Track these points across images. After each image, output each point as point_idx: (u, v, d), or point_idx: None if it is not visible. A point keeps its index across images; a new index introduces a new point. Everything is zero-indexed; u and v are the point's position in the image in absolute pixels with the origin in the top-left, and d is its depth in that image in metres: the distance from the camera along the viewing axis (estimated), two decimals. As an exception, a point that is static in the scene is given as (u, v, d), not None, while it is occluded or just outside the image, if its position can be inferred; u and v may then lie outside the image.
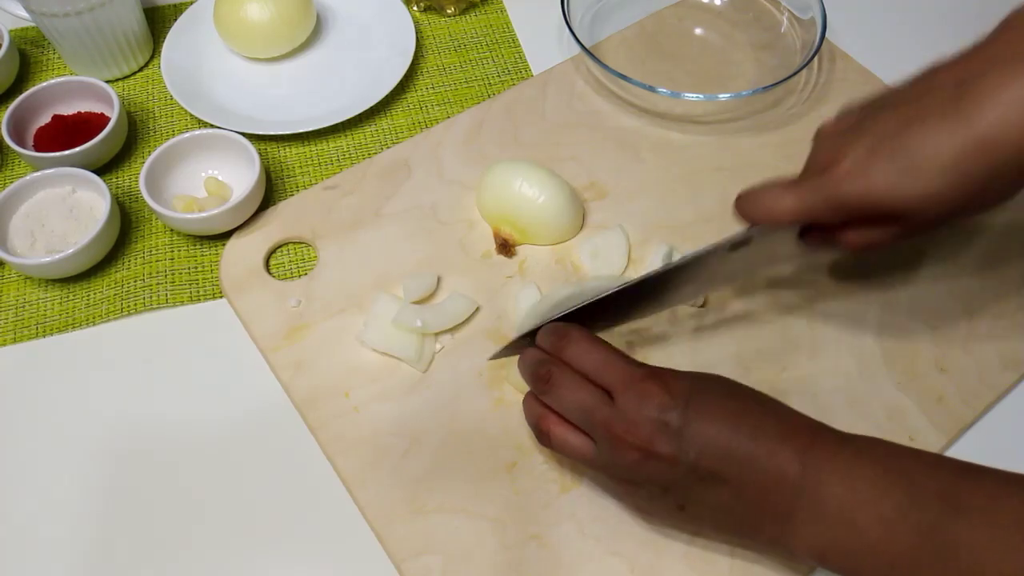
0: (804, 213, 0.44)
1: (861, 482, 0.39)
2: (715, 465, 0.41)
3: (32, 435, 0.53)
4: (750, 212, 0.47)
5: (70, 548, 0.49)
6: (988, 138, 0.38)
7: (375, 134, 0.68)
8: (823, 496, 0.39)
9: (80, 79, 0.66)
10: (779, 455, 0.40)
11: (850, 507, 0.39)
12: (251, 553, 0.49)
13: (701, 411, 0.41)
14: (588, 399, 0.43)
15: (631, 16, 0.75)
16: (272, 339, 0.55)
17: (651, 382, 0.42)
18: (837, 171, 0.42)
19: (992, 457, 0.52)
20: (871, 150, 0.41)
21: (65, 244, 0.58)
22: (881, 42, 0.74)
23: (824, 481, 0.39)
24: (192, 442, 0.52)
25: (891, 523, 0.38)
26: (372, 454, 0.51)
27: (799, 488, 0.40)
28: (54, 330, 0.57)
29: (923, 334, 0.56)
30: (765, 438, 0.41)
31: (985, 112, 0.38)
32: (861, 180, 0.41)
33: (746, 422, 0.41)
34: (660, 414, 0.41)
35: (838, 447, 0.41)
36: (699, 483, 0.41)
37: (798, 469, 0.40)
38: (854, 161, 0.42)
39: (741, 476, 0.41)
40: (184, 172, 0.62)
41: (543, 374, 0.44)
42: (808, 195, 0.44)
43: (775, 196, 0.45)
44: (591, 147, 0.66)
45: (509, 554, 0.47)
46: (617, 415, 0.42)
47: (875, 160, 0.41)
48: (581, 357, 0.44)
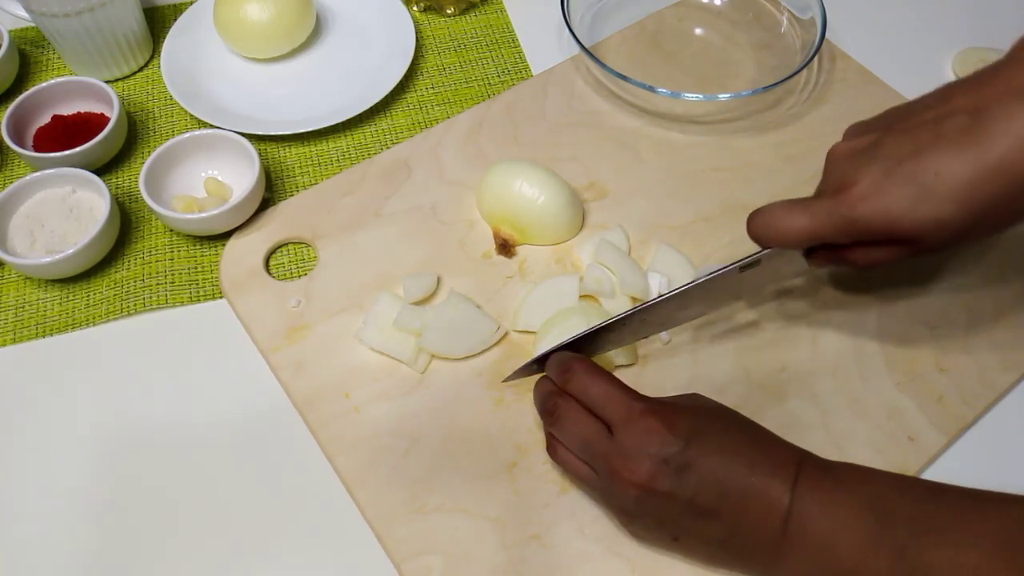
0: (817, 234, 0.44)
1: (840, 509, 0.40)
2: (712, 502, 0.42)
3: (32, 435, 0.53)
4: (763, 233, 0.47)
5: (70, 548, 0.49)
6: (1002, 167, 0.39)
7: (375, 134, 0.68)
8: (807, 526, 0.41)
9: (80, 79, 0.66)
10: (770, 490, 0.41)
11: (831, 535, 0.40)
12: (251, 553, 0.49)
13: (700, 449, 0.42)
14: (589, 433, 0.44)
15: (631, 16, 0.75)
16: (272, 339, 0.55)
17: (652, 418, 0.43)
18: (852, 194, 0.42)
19: (991, 457, 0.52)
20: (886, 174, 0.41)
21: (65, 244, 0.58)
22: (881, 42, 0.74)
23: (807, 511, 0.41)
24: (192, 442, 0.52)
25: (866, 548, 0.39)
26: (372, 454, 0.51)
27: (786, 519, 0.41)
28: (54, 330, 0.57)
29: (923, 334, 0.56)
30: (759, 474, 0.42)
31: (999, 142, 0.39)
32: (876, 203, 0.42)
33: (742, 460, 0.42)
34: (659, 451, 0.42)
35: (820, 476, 0.42)
36: (696, 518, 0.42)
37: (787, 501, 0.41)
38: (869, 184, 0.42)
39: (735, 511, 0.42)
40: (184, 172, 0.62)
41: (549, 407, 0.46)
42: (822, 217, 0.44)
43: (788, 217, 0.45)
44: (591, 147, 0.66)
45: (509, 554, 0.47)
46: (616, 451, 0.43)
47: (890, 184, 0.41)
48: (584, 391, 0.45)
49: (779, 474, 0.42)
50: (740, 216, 0.61)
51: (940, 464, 0.51)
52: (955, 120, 0.41)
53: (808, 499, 0.41)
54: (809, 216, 0.44)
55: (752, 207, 0.61)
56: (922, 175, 0.40)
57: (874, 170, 0.42)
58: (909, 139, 0.42)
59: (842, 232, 0.43)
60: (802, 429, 0.51)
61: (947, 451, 0.52)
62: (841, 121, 0.66)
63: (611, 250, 0.57)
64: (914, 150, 0.41)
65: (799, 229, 0.45)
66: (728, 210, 0.62)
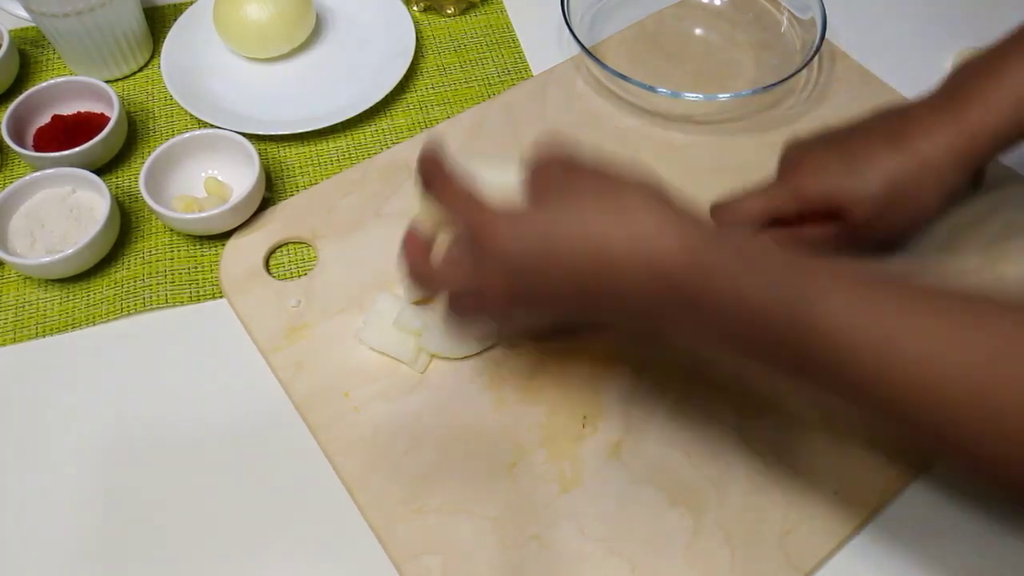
0: (769, 208, 0.53)
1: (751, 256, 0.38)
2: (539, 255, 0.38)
3: (32, 435, 0.53)
4: (724, 215, 0.54)
5: (70, 547, 0.49)
6: (918, 158, 0.49)
7: (375, 134, 0.68)
8: (712, 283, 0.37)
9: (80, 79, 0.66)
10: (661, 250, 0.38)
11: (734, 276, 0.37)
12: (251, 553, 0.49)
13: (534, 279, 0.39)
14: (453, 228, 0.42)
15: (631, 16, 0.75)
16: (272, 339, 0.55)
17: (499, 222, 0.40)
18: (798, 171, 0.53)
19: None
20: (827, 156, 0.52)
21: (65, 244, 0.58)
22: (881, 42, 0.74)
23: (713, 262, 0.37)
24: (192, 442, 0.52)
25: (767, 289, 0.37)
26: (372, 454, 0.51)
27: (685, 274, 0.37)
28: (54, 330, 0.57)
29: (923, 334, 0.56)
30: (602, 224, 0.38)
31: (918, 144, 0.49)
32: (818, 177, 0.51)
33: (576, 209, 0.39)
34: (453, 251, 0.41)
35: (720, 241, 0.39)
36: (537, 275, 0.39)
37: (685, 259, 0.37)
38: (813, 163, 0.52)
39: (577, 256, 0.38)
40: (184, 172, 0.62)
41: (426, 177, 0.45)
42: (774, 194, 0.53)
43: (748, 199, 0.54)
44: (591, 147, 0.65)
45: (509, 554, 0.47)
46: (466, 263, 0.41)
47: (830, 163, 0.51)
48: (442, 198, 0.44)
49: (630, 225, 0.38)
50: (740, 216, 0.61)
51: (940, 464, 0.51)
52: (886, 122, 0.52)
53: (714, 249, 0.37)
54: (764, 195, 0.53)
55: (752, 207, 0.62)
56: (856, 159, 0.50)
57: (818, 153, 0.52)
58: (848, 135, 0.53)
59: (791, 202, 0.52)
60: (802, 430, 0.51)
61: (947, 451, 0.52)
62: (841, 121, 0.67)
63: None
64: (851, 141, 0.52)
65: (756, 207, 0.53)
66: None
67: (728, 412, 0.52)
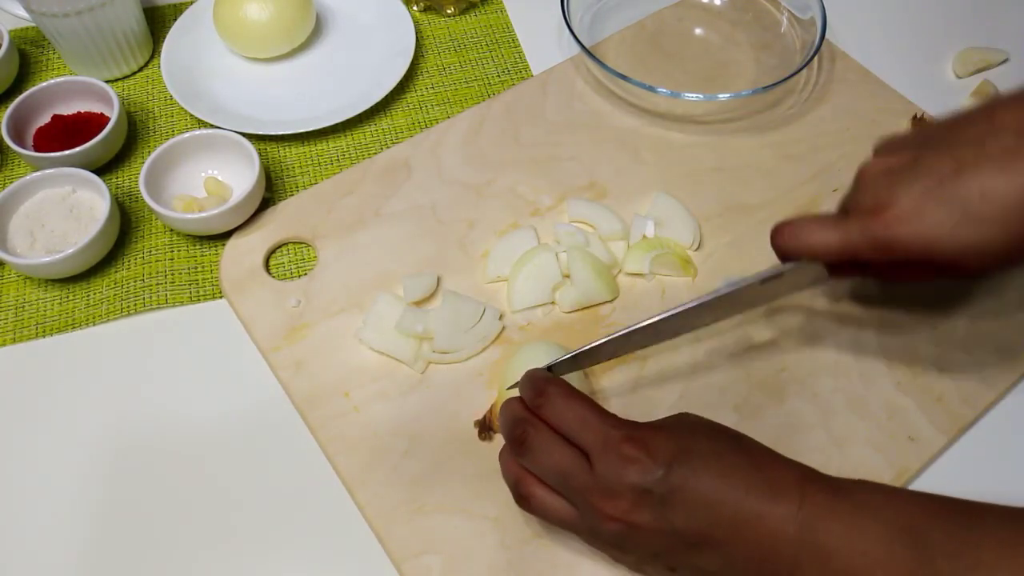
0: (847, 252, 0.43)
1: (867, 542, 0.37)
2: (703, 531, 0.38)
3: (32, 435, 0.53)
4: (791, 246, 0.45)
5: (70, 547, 0.49)
6: None
7: (375, 134, 0.68)
8: (825, 558, 0.37)
9: (80, 79, 0.66)
10: (771, 516, 0.38)
11: (859, 570, 0.36)
12: (250, 552, 0.49)
13: (685, 475, 0.39)
14: (566, 463, 0.40)
15: (631, 16, 0.75)
16: (272, 339, 0.55)
17: (630, 445, 0.39)
18: (888, 215, 0.41)
19: (992, 457, 0.52)
20: (926, 194, 0.40)
21: (65, 244, 0.58)
22: (881, 42, 0.74)
23: (824, 540, 0.37)
24: (191, 442, 0.52)
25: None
26: (372, 454, 0.51)
27: (797, 549, 0.37)
28: (54, 330, 0.57)
29: (923, 333, 0.56)
30: (755, 498, 0.38)
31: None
32: (915, 226, 0.40)
33: (733, 483, 0.39)
34: (641, 480, 0.39)
35: (834, 499, 0.38)
36: (687, 550, 0.39)
37: (794, 529, 0.37)
38: (908, 205, 0.40)
39: (732, 540, 0.38)
40: (184, 172, 0.62)
41: (519, 435, 0.42)
42: (855, 235, 0.43)
43: (820, 231, 0.44)
44: (591, 147, 0.66)
45: (509, 554, 0.47)
46: (596, 483, 0.40)
47: (930, 205, 0.40)
48: (559, 415, 0.42)
49: (780, 499, 0.38)
50: (740, 216, 0.61)
51: (940, 464, 0.51)
52: (1001, 139, 0.39)
53: (823, 528, 0.37)
54: (842, 233, 0.43)
55: (752, 207, 0.62)
56: (965, 196, 0.39)
57: (914, 190, 0.40)
58: (950, 158, 0.40)
59: (876, 252, 0.42)
60: (802, 429, 0.51)
61: (947, 451, 0.52)
62: (841, 121, 0.67)
63: (582, 204, 0.60)
64: (956, 169, 0.40)
65: (830, 245, 0.44)
66: (728, 210, 0.62)
67: (727, 411, 0.52)
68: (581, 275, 0.56)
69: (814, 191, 0.63)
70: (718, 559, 0.39)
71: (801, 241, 0.45)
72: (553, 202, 0.62)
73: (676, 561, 0.40)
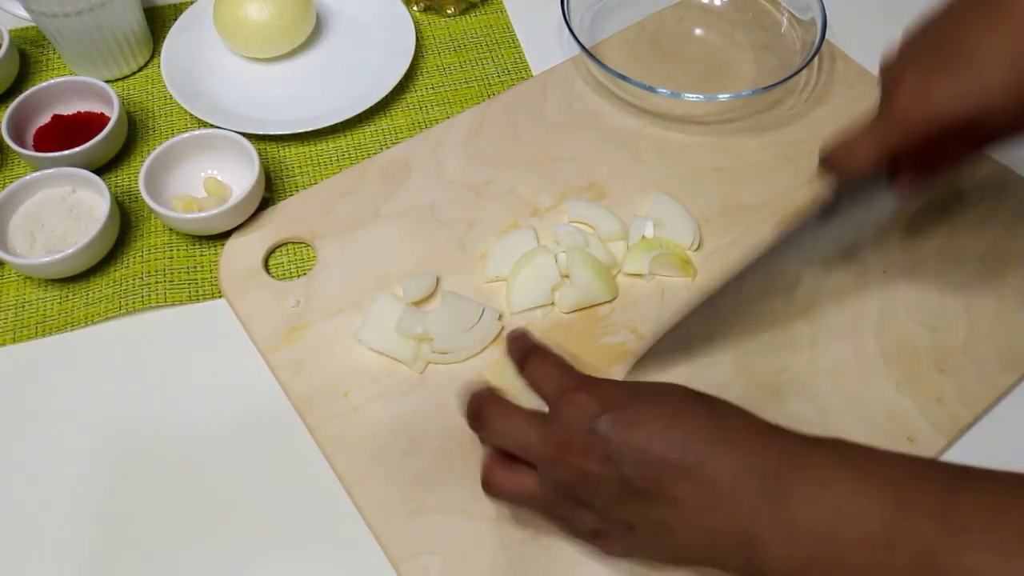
0: (887, 149, 0.44)
1: (838, 494, 0.34)
2: (649, 476, 0.37)
3: (31, 434, 0.53)
4: (838, 166, 0.46)
5: (70, 547, 0.49)
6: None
7: (375, 134, 0.68)
8: (793, 511, 0.35)
9: (80, 79, 0.66)
10: (723, 462, 0.36)
11: (829, 523, 0.34)
12: (249, 553, 0.49)
13: (630, 418, 0.38)
14: (520, 422, 0.41)
15: (631, 16, 0.75)
16: (271, 339, 0.55)
17: (582, 391, 0.40)
18: (902, 99, 0.43)
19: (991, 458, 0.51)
20: (927, 68, 0.43)
21: (65, 244, 0.58)
22: (881, 42, 0.74)
23: (791, 492, 0.35)
24: (190, 441, 0.52)
25: (881, 544, 0.33)
26: (371, 454, 0.51)
27: (756, 500, 0.35)
28: (53, 330, 0.57)
29: (923, 335, 0.55)
30: (702, 442, 0.37)
31: None
32: (926, 98, 0.42)
33: (679, 425, 0.37)
34: (588, 422, 0.38)
35: (804, 449, 0.36)
36: (639, 500, 0.38)
37: (753, 479, 0.35)
38: (913, 84, 0.43)
39: (680, 489, 0.36)
40: (183, 172, 0.62)
41: (473, 411, 0.43)
42: (886, 131, 0.44)
43: (857, 143, 0.45)
44: (591, 147, 0.66)
45: (508, 554, 0.47)
46: (550, 431, 0.40)
47: (932, 76, 0.42)
48: (532, 371, 0.43)
49: (731, 443, 0.36)
50: (740, 216, 0.61)
51: (939, 465, 0.51)
52: (978, 2, 0.42)
53: (790, 477, 0.35)
54: (876, 134, 0.45)
55: (752, 208, 0.62)
56: (961, 59, 0.41)
57: (917, 70, 0.43)
58: (942, 32, 0.43)
59: (908, 137, 0.43)
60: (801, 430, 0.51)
61: (946, 452, 0.52)
62: (841, 121, 0.67)
63: (581, 205, 0.60)
64: (948, 39, 0.42)
65: (870, 152, 0.45)
66: (728, 211, 0.62)
67: (727, 412, 0.52)
68: (580, 276, 0.56)
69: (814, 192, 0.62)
70: (669, 510, 0.37)
71: (849, 161, 0.46)
72: (553, 202, 0.62)
73: (631, 515, 0.39)
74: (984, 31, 0.41)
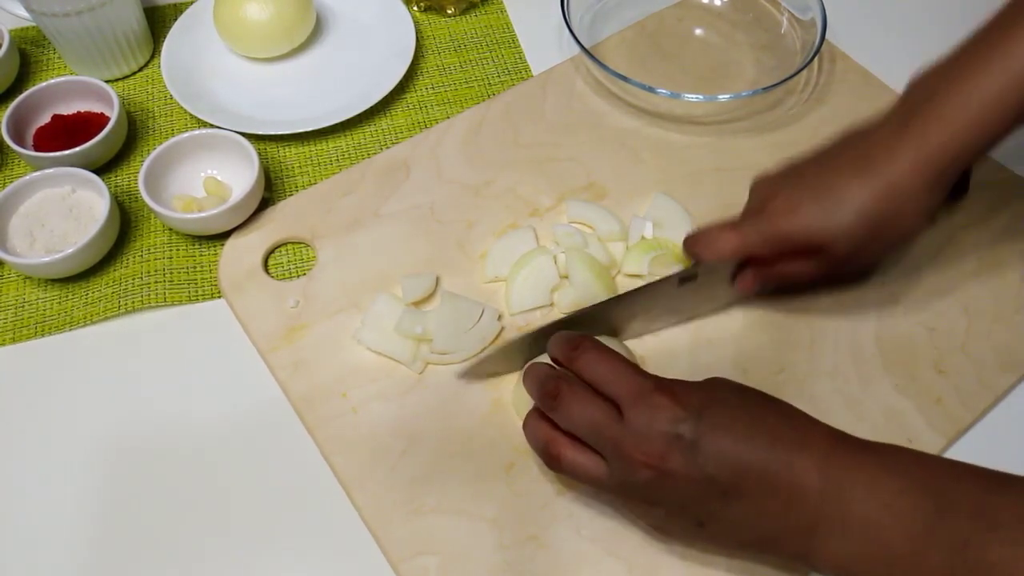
0: (745, 248, 0.51)
1: (887, 494, 0.39)
2: (732, 478, 0.40)
3: (30, 434, 0.53)
4: (699, 250, 0.53)
5: (69, 547, 0.49)
6: (886, 187, 0.48)
7: (375, 134, 0.68)
8: (847, 508, 0.39)
9: (80, 79, 0.66)
10: (798, 465, 0.40)
11: (877, 520, 0.38)
12: (248, 553, 0.49)
13: (715, 423, 0.41)
14: (598, 415, 0.42)
15: (631, 16, 0.75)
16: (270, 339, 0.55)
17: (661, 394, 0.42)
18: (771, 209, 0.50)
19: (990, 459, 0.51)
20: (799, 194, 0.50)
21: (65, 244, 0.58)
22: (881, 42, 0.74)
23: (847, 492, 0.39)
24: (189, 442, 0.52)
25: (920, 538, 0.38)
26: (370, 454, 0.51)
27: (821, 500, 0.39)
28: (53, 330, 0.57)
29: (922, 336, 0.55)
30: (783, 448, 0.40)
31: (882, 167, 0.48)
32: (792, 216, 0.49)
33: (762, 432, 0.41)
34: (672, 427, 0.41)
35: (860, 456, 0.40)
36: (717, 498, 0.41)
37: (818, 480, 0.39)
38: (786, 202, 0.50)
39: (759, 489, 0.40)
40: (183, 172, 0.62)
41: (551, 389, 0.44)
42: (750, 232, 0.51)
43: (720, 234, 0.52)
44: (591, 147, 0.66)
45: (507, 555, 0.47)
46: (627, 432, 0.41)
47: (802, 201, 0.49)
48: (592, 367, 0.44)
49: (807, 450, 0.40)
50: (739, 217, 0.61)
51: (938, 466, 0.51)
52: (851, 150, 0.50)
53: (847, 479, 0.39)
54: (739, 233, 0.51)
55: (751, 208, 0.62)
56: (827, 194, 0.48)
57: (789, 190, 0.50)
58: (816, 167, 0.51)
59: (766, 243, 0.50)
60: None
61: (946, 453, 0.52)
62: (841, 121, 0.66)
63: (581, 205, 0.61)
64: (820, 174, 0.50)
65: (729, 244, 0.51)
66: (727, 211, 0.61)
67: (726, 413, 0.52)
68: (580, 276, 0.56)
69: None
70: (746, 507, 0.40)
71: (708, 244, 0.52)
72: (552, 203, 0.62)
73: (705, 511, 0.42)
74: (849, 178, 0.48)
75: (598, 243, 0.58)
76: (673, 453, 0.40)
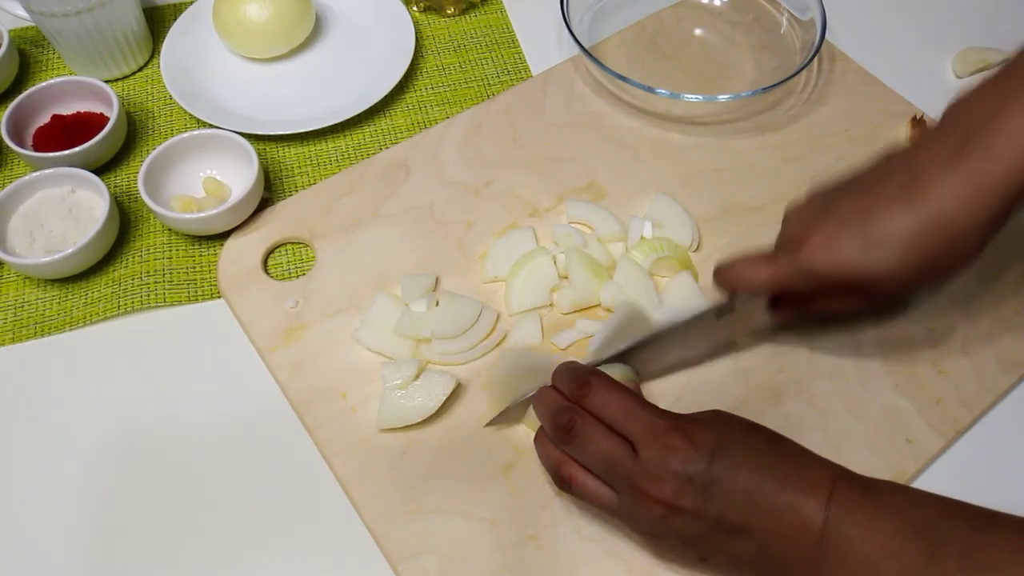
0: (778, 283, 0.48)
1: (883, 534, 0.39)
2: (740, 519, 0.41)
3: (30, 434, 0.53)
4: (730, 282, 0.50)
5: (70, 547, 0.49)
6: (938, 219, 0.43)
7: (374, 134, 0.68)
8: (847, 547, 0.40)
9: (80, 79, 0.66)
10: (803, 507, 0.40)
11: (874, 560, 0.39)
12: (248, 553, 0.49)
13: (726, 465, 0.41)
14: (612, 452, 0.43)
15: (631, 17, 0.75)
16: (270, 339, 0.55)
17: (675, 434, 0.42)
18: (808, 246, 0.46)
19: (990, 459, 0.52)
20: (837, 228, 0.46)
21: (64, 244, 0.58)
22: (881, 42, 0.74)
23: (847, 532, 0.40)
24: (189, 441, 0.52)
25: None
26: (369, 455, 0.51)
27: (823, 539, 0.40)
28: (53, 330, 0.57)
29: (921, 336, 0.55)
30: (790, 491, 0.41)
31: (934, 198, 0.43)
32: (830, 255, 0.46)
33: (770, 476, 0.41)
34: (684, 468, 0.41)
35: (861, 496, 0.41)
36: (723, 536, 0.42)
37: (821, 520, 0.40)
38: (822, 238, 0.46)
39: (766, 529, 0.41)
40: (183, 172, 0.62)
41: (565, 424, 0.44)
42: (783, 267, 0.48)
43: (753, 267, 0.49)
44: (590, 147, 0.66)
45: (506, 555, 0.47)
46: (641, 469, 0.42)
47: (841, 237, 0.45)
48: (603, 405, 0.44)
49: (813, 491, 0.41)
50: (739, 217, 0.61)
51: (938, 467, 0.51)
52: (894, 178, 0.45)
53: (847, 520, 0.40)
54: (772, 267, 0.48)
55: (751, 208, 0.62)
56: (869, 228, 0.45)
57: (827, 226, 0.46)
58: (856, 198, 0.46)
59: (801, 280, 0.47)
60: (800, 431, 0.51)
61: (945, 453, 0.52)
62: (841, 122, 0.67)
63: (580, 205, 0.60)
64: (860, 207, 0.45)
65: (764, 278, 0.48)
66: (727, 211, 0.62)
67: (726, 413, 0.52)
68: (579, 276, 0.56)
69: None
70: (751, 546, 0.41)
71: (739, 277, 0.50)
72: (552, 203, 0.62)
73: (711, 548, 0.43)
74: (894, 212, 0.44)
75: (597, 243, 0.58)
76: (685, 493, 0.41)
